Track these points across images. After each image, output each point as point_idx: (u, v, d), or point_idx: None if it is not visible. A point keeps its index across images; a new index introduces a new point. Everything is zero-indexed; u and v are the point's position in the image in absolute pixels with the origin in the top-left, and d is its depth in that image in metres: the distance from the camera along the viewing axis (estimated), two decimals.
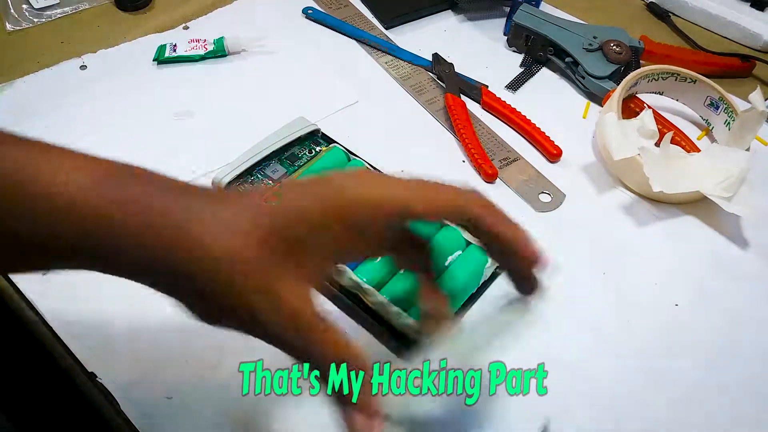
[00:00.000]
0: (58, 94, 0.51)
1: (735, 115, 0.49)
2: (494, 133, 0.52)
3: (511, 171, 0.48)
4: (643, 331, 0.39)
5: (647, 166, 0.44)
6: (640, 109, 0.52)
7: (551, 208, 0.46)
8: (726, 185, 0.44)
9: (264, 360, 0.36)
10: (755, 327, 0.40)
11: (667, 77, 0.53)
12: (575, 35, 0.56)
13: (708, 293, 0.41)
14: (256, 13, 0.61)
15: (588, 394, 0.36)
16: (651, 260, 0.43)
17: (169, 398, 0.34)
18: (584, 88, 0.55)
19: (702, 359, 0.38)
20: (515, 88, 0.56)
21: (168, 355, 0.36)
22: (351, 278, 0.37)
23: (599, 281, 0.42)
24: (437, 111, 0.53)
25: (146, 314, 0.38)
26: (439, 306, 0.32)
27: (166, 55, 0.55)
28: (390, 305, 0.36)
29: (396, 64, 0.57)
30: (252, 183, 0.43)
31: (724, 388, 0.37)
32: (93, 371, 0.35)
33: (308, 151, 0.46)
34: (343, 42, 0.59)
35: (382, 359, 0.36)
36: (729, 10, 0.63)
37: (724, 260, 0.43)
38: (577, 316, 0.40)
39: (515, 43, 0.60)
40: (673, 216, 0.46)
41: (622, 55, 0.55)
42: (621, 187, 0.48)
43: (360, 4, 0.64)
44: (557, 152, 0.49)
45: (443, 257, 0.39)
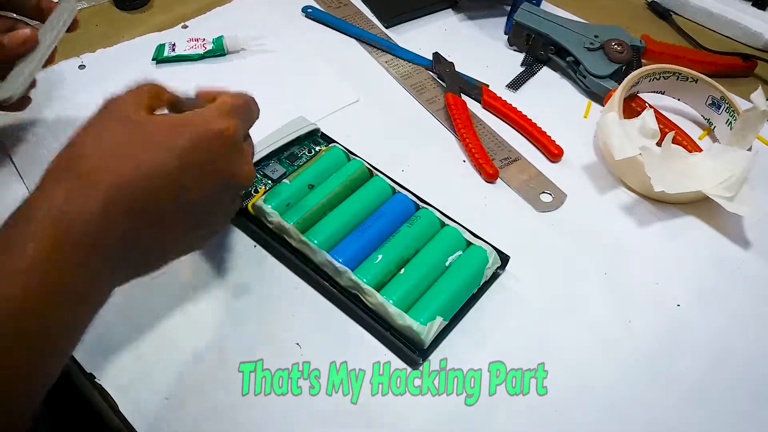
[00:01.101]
0: (57, 93, 0.51)
1: (737, 115, 0.48)
2: (495, 133, 0.51)
3: (512, 171, 0.48)
4: (645, 331, 0.39)
5: (648, 165, 0.44)
6: (641, 108, 0.52)
7: (552, 208, 0.46)
8: (728, 185, 0.44)
9: (264, 360, 0.36)
10: (756, 327, 0.40)
11: (669, 77, 0.53)
12: (576, 34, 0.56)
13: (709, 293, 0.41)
14: (255, 12, 0.61)
15: (588, 394, 0.36)
16: (652, 260, 0.43)
17: (168, 399, 0.34)
18: (585, 88, 0.55)
19: (703, 359, 0.38)
20: (516, 87, 0.56)
21: (167, 355, 0.36)
22: (351, 278, 0.37)
23: (600, 281, 0.41)
24: (437, 110, 0.53)
25: (145, 315, 0.38)
26: None
27: (165, 55, 0.54)
28: (390, 305, 0.36)
29: (396, 64, 0.57)
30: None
31: (725, 388, 0.37)
32: (92, 372, 0.35)
33: (308, 151, 0.46)
34: (343, 41, 0.59)
35: (382, 360, 0.36)
36: (730, 9, 0.63)
37: (725, 260, 0.43)
38: (578, 316, 0.39)
39: (516, 42, 0.59)
40: (675, 216, 0.46)
41: (623, 54, 0.54)
42: (622, 187, 0.48)
43: (360, 2, 0.64)
44: (558, 152, 0.49)
45: (443, 257, 0.39)
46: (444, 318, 0.36)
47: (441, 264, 0.39)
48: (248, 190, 0.43)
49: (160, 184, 0.29)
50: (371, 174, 0.44)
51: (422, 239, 0.40)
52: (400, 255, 0.39)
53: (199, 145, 0.30)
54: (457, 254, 0.39)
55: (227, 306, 0.38)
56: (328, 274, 0.38)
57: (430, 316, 0.35)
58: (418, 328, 0.35)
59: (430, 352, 0.36)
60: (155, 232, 0.30)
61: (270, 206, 0.40)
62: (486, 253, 0.39)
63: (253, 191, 0.43)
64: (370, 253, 0.38)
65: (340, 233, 0.39)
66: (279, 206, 0.40)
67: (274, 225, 0.40)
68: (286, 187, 0.41)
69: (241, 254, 0.41)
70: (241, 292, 0.39)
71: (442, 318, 0.36)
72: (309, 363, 0.36)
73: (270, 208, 0.40)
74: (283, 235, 0.40)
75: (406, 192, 0.43)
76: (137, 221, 0.29)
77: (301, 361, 0.36)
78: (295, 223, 0.39)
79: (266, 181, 0.44)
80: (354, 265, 0.38)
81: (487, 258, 0.39)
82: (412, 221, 0.40)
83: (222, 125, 0.31)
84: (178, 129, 0.30)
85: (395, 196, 0.42)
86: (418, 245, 0.39)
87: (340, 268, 0.37)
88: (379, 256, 0.38)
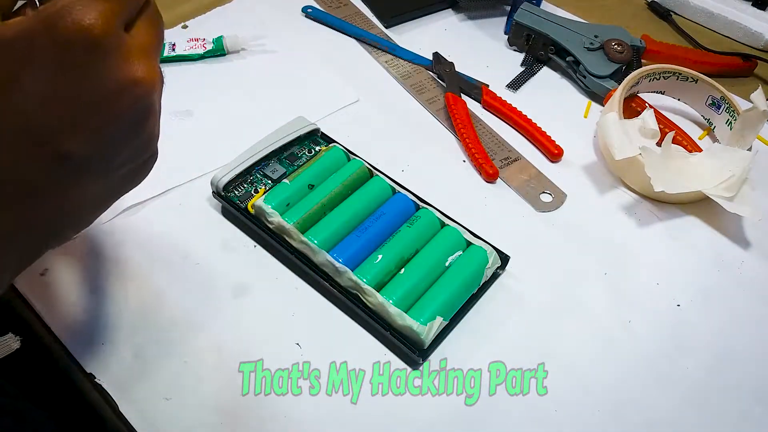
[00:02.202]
0: None
1: (737, 115, 0.48)
2: (495, 133, 0.51)
3: (512, 171, 0.48)
4: (645, 331, 0.39)
5: (648, 165, 0.44)
6: (641, 108, 0.52)
7: (552, 208, 0.46)
8: (728, 185, 0.44)
9: (264, 360, 0.36)
10: (757, 327, 0.40)
11: (669, 76, 0.53)
12: (576, 34, 0.56)
13: (710, 293, 0.41)
14: (255, 12, 0.61)
15: (588, 394, 0.36)
16: (652, 260, 0.43)
17: (168, 399, 0.34)
18: (585, 88, 0.55)
19: (704, 360, 0.38)
20: (516, 87, 0.56)
21: (167, 355, 0.36)
22: (351, 278, 0.37)
23: (600, 281, 0.41)
24: (437, 110, 0.53)
25: (145, 315, 0.38)
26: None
27: (165, 55, 0.54)
28: (390, 305, 0.36)
29: (396, 63, 0.57)
30: (251, 183, 0.43)
31: (725, 389, 0.37)
32: (91, 372, 0.35)
33: (308, 151, 0.46)
34: (343, 41, 0.59)
35: (382, 360, 0.36)
36: (730, 9, 0.63)
37: (725, 260, 0.43)
38: (578, 316, 0.39)
39: (516, 42, 0.59)
40: (675, 216, 0.46)
41: (623, 54, 0.54)
42: (622, 187, 0.48)
43: (360, 2, 0.64)
44: (558, 152, 0.49)
45: (443, 257, 0.39)
46: (444, 318, 0.36)
47: (441, 264, 0.39)
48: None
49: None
50: (371, 174, 0.44)
51: (422, 239, 0.40)
52: (400, 255, 0.39)
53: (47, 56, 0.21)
54: (457, 254, 0.39)
55: (227, 306, 0.38)
56: (328, 274, 0.38)
57: (430, 316, 0.35)
58: (418, 328, 0.35)
59: (430, 352, 0.36)
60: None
61: (270, 206, 0.40)
62: (486, 253, 0.39)
63: (253, 191, 0.43)
64: (370, 253, 0.38)
65: (340, 233, 0.39)
66: (279, 206, 0.40)
67: (274, 225, 0.40)
68: (286, 187, 0.41)
69: (241, 254, 0.41)
70: (241, 292, 0.39)
71: (442, 318, 0.36)
72: (309, 363, 0.36)
73: (270, 208, 0.40)
74: (283, 235, 0.40)
75: (406, 192, 0.43)
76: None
77: (301, 361, 0.36)
78: (296, 223, 0.39)
79: (266, 181, 0.44)
80: (354, 265, 0.38)
81: (487, 258, 0.39)
82: (412, 221, 0.40)
83: (84, 19, 0.21)
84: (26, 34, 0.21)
85: (395, 196, 0.42)
86: (418, 245, 0.39)
87: (340, 268, 0.37)
88: (379, 256, 0.38)
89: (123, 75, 0.22)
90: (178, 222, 0.42)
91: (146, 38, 0.24)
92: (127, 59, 0.22)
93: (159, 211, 0.43)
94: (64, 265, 0.39)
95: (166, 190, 0.44)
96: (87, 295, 0.38)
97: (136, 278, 0.39)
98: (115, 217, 0.42)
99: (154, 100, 0.24)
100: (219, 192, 0.42)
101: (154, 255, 0.40)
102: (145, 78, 0.23)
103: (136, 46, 0.23)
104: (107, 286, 0.39)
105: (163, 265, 0.40)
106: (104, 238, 0.41)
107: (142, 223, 0.42)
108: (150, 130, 0.25)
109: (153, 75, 0.23)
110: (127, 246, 0.41)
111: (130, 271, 0.39)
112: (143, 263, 0.40)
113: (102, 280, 0.39)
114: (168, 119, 0.50)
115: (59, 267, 0.39)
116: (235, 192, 0.43)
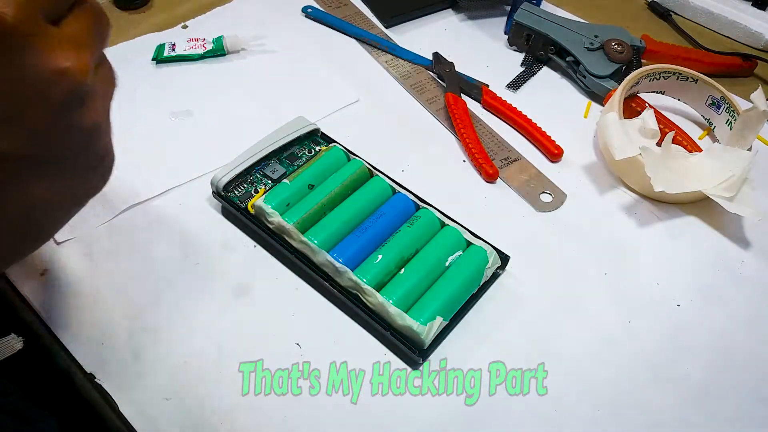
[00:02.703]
0: None
1: (737, 115, 0.48)
2: (495, 133, 0.51)
3: (512, 171, 0.48)
4: (645, 331, 0.39)
5: (648, 165, 0.44)
6: (641, 108, 0.52)
7: (552, 208, 0.46)
8: (728, 185, 0.44)
9: (264, 360, 0.36)
10: (757, 327, 0.40)
11: (669, 76, 0.53)
12: (576, 34, 0.56)
13: (710, 293, 0.41)
14: (255, 12, 0.61)
15: (588, 394, 0.36)
16: (652, 260, 0.43)
17: (168, 399, 0.34)
18: (585, 88, 0.55)
19: (703, 359, 0.38)
20: (516, 87, 0.56)
21: (167, 355, 0.36)
22: (351, 278, 0.37)
23: (600, 281, 0.41)
24: (437, 110, 0.53)
25: (145, 315, 0.38)
26: None
27: (165, 55, 0.54)
28: (390, 305, 0.36)
29: (396, 63, 0.57)
30: (251, 183, 0.43)
31: (725, 389, 0.37)
32: (92, 372, 0.35)
33: (308, 151, 0.46)
34: (343, 41, 0.59)
35: (382, 360, 0.36)
36: (730, 9, 0.63)
37: (725, 260, 0.43)
38: (578, 316, 0.39)
39: (516, 42, 0.59)
40: (675, 216, 0.46)
41: (623, 54, 0.54)
42: (622, 187, 0.48)
43: (360, 2, 0.64)
44: (558, 152, 0.49)
45: (443, 257, 0.39)
46: (444, 318, 0.36)
47: (441, 264, 0.39)
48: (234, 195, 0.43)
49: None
50: (371, 174, 0.44)
51: (422, 239, 0.40)
52: (400, 255, 0.39)
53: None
54: (457, 254, 0.39)
55: (227, 306, 0.38)
56: (328, 274, 0.38)
57: (430, 316, 0.35)
58: (418, 328, 0.35)
59: (430, 352, 0.36)
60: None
61: (270, 206, 0.40)
62: (486, 253, 0.39)
63: (253, 191, 0.43)
64: (370, 253, 0.38)
65: (340, 233, 0.39)
66: (279, 206, 0.40)
67: (274, 225, 0.40)
68: (286, 187, 0.41)
69: (241, 254, 0.41)
70: (241, 292, 0.39)
71: (442, 318, 0.36)
72: (309, 363, 0.36)
73: (270, 208, 0.40)
74: (283, 235, 0.40)
75: (406, 192, 0.43)
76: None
77: (301, 361, 0.36)
78: (295, 223, 0.39)
79: (266, 181, 0.44)
80: (354, 265, 0.38)
81: (487, 258, 0.39)
82: (412, 221, 0.40)
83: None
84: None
85: (395, 196, 0.42)
86: (418, 245, 0.39)
87: (340, 268, 0.37)
88: (379, 256, 0.38)
89: (46, 65, 0.21)
90: (178, 222, 0.42)
91: (77, 30, 0.22)
92: (52, 50, 0.21)
93: (159, 211, 0.43)
94: (64, 265, 0.39)
95: (166, 190, 0.44)
96: (87, 295, 0.38)
97: (136, 278, 0.39)
98: (115, 217, 0.42)
99: (85, 90, 0.22)
100: (219, 192, 0.42)
101: (153, 255, 0.40)
102: (72, 68, 0.22)
103: (64, 37, 0.22)
104: (107, 286, 0.39)
105: (163, 265, 0.40)
106: (104, 238, 0.41)
107: (142, 223, 0.42)
108: (90, 125, 0.24)
109: (82, 66, 0.22)
110: (126, 246, 0.41)
111: (130, 271, 0.40)
112: (143, 263, 0.40)
113: (102, 280, 0.39)
114: (168, 119, 0.50)
115: (59, 267, 0.39)
116: (235, 192, 0.43)
